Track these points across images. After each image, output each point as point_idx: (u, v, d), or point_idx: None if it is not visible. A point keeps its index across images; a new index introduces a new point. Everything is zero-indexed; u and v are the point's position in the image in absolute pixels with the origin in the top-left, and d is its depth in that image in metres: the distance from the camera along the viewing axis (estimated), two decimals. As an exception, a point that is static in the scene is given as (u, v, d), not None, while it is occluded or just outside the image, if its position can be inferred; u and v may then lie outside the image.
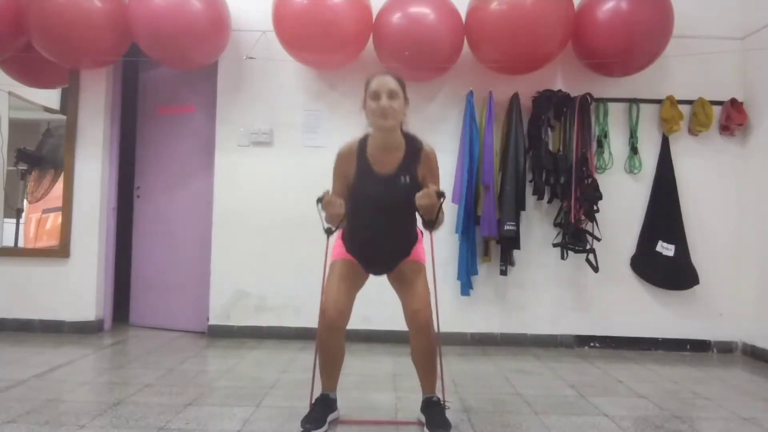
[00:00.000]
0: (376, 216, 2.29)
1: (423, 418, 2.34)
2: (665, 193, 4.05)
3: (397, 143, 2.28)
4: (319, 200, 2.19)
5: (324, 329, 2.26)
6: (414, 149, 2.29)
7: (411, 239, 2.38)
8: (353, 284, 2.34)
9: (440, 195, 2.18)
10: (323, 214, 2.23)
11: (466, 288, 3.99)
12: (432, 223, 2.25)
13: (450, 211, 4.00)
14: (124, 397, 2.65)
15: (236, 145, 4.19)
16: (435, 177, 2.32)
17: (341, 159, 2.31)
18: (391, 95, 2.19)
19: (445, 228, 4.00)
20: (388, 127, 2.21)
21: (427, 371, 2.34)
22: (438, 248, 3.98)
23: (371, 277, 2.43)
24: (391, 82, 2.21)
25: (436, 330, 2.28)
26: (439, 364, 2.33)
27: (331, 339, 2.29)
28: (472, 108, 4.00)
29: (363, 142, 2.31)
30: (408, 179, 2.25)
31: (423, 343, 2.28)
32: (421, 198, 2.17)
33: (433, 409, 2.32)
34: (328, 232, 2.28)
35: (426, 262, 2.37)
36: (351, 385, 2.90)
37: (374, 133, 2.28)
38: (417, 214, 2.28)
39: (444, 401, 2.37)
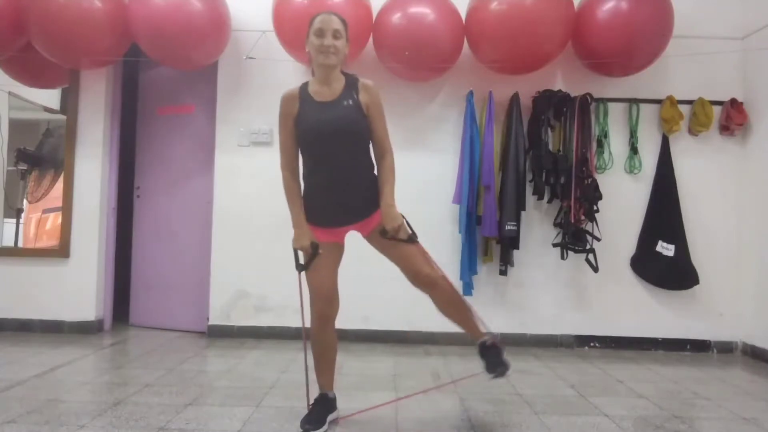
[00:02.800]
0: (327, 147, 2.26)
1: (481, 363, 2.37)
2: (665, 193, 4.05)
3: (337, 77, 2.32)
4: (294, 249, 2.31)
5: (318, 324, 2.29)
6: (352, 81, 2.33)
7: (369, 173, 2.33)
8: (332, 263, 2.34)
9: (411, 238, 2.27)
10: (299, 255, 2.31)
11: (468, 288, 3.98)
12: (412, 238, 2.29)
13: (451, 211, 4.01)
14: (124, 397, 2.65)
15: (236, 145, 4.19)
16: (379, 110, 2.31)
17: (284, 101, 2.34)
18: (335, 35, 2.25)
19: (445, 228, 4.02)
20: (330, 63, 2.25)
21: (463, 320, 2.38)
22: (438, 248, 4.00)
23: (368, 277, 2.43)
24: (336, 22, 2.27)
25: (445, 279, 2.31)
26: (469, 309, 2.36)
27: (326, 332, 2.32)
28: (472, 108, 4.00)
29: (304, 84, 2.36)
30: (351, 102, 2.27)
31: (439, 296, 2.32)
32: (387, 229, 2.23)
33: (488, 351, 2.36)
34: (301, 268, 2.31)
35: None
36: (351, 385, 2.90)
37: (316, 69, 2.31)
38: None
39: (496, 343, 2.38)
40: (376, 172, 2.36)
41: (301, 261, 2.32)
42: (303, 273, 2.32)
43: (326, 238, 2.31)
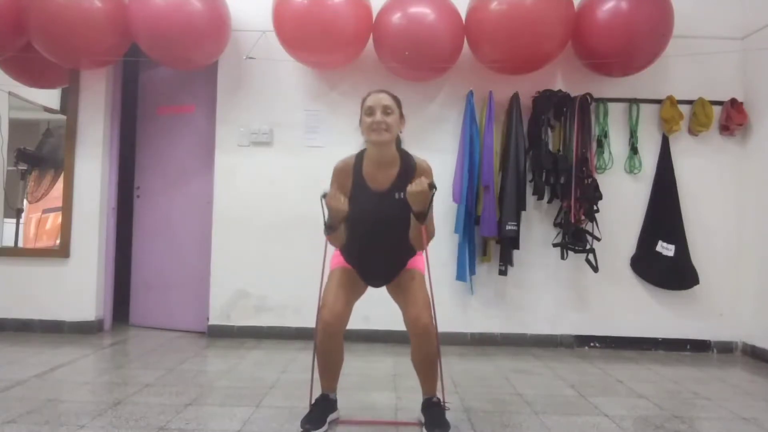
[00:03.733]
0: (371, 231, 2.32)
1: (422, 419, 2.34)
2: (665, 193, 4.05)
3: (391, 159, 2.31)
4: (323, 196, 2.21)
5: (321, 334, 2.26)
6: (408, 165, 2.31)
7: (407, 254, 2.40)
8: (351, 291, 2.35)
9: (432, 186, 2.19)
10: (326, 211, 2.24)
11: (469, 289, 3.98)
12: (423, 216, 2.23)
13: (450, 211, 4.01)
14: (124, 397, 2.65)
15: (236, 145, 4.19)
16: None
17: (338, 173, 2.34)
18: (386, 111, 2.23)
19: (445, 228, 4.02)
20: (382, 141, 2.24)
21: (428, 375, 2.34)
22: (438, 249, 4.01)
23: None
24: (385, 99, 2.26)
25: (437, 335, 2.27)
26: (439, 367, 2.33)
27: (329, 344, 2.29)
28: (472, 108, 4.00)
29: (359, 158, 2.35)
30: (402, 195, 2.24)
31: (424, 348, 2.27)
32: (412, 187, 2.17)
33: (432, 409, 2.33)
34: (329, 229, 2.27)
35: (424, 270, 2.37)
36: (351, 386, 2.90)
37: (369, 148, 2.31)
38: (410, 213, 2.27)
39: (444, 402, 2.37)
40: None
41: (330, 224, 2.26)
42: (321, 274, 2.33)
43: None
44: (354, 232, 2.35)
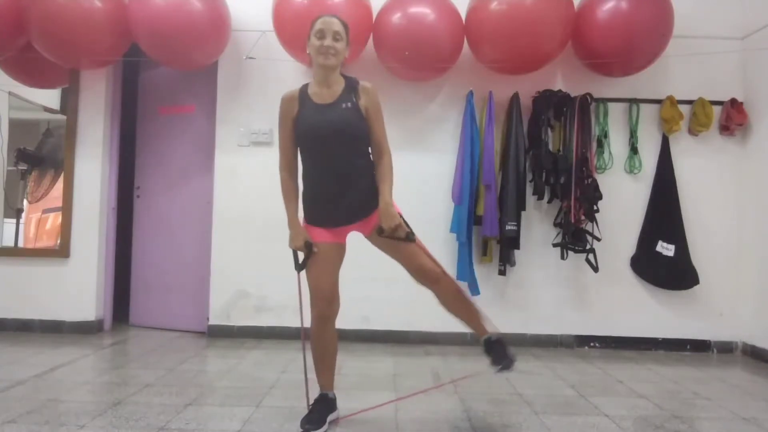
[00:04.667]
0: (325, 149, 2.29)
1: (487, 358, 2.38)
2: (665, 193, 4.05)
3: (336, 79, 2.35)
4: (294, 251, 2.33)
5: (318, 325, 2.30)
6: (352, 83, 2.36)
7: (368, 174, 2.34)
8: (333, 265, 2.34)
9: (409, 237, 2.25)
10: (296, 252, 2.33)
11: (474, 288, 3.97)
12: (410, 237, 2.27)
13: (451, 211, 4.01)
14: (124, 397, 2.65)
15: (236, 145, 4.19)
16: (378, 111, 2.33)
17: (284, 102, 2.37)
18: (336, 36, 2.28)
19: (445, 228, 4.02)
20: (330, 65, 2.28)
21: (466, 314, 2.40)
22: (438, 248, 4.01)
23: (368, 278, 2.43)
24: (336, 24, 2.30)
25: (447, 277, 2.32)
26: (473, 305, 2.38)
27: (326, 332, 2.32)
28: (472, 108, 4.00)
29: (304, 86, 2.39)
30: (350, 105, 2.29)
31: (443, 292, 2.34)
32: (384, 219, 2.22)
33: (494, 347, 2.38)
34: (299, 268, 2.33)
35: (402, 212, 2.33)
36: (351, 385, 2.90)
37: (315, 70, 2.34)
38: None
39: (501, 338, 2.40)
40: (375, 173, 2.36)
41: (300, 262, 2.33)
42: (303, 273, 2.33)
43: (327, 238, 2.32)
44: (309, 156, 2.34)
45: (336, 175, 2.29)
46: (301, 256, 2.33)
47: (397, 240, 2.26)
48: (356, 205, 2.32)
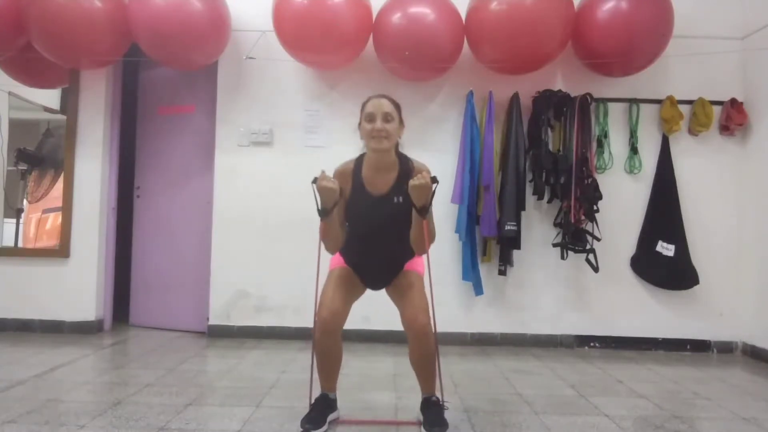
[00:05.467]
0: (370, 234, 2.34)
1: (421, 418, 2.34)
2: (665, 193, 4.05)
3: (390, 164, 2.33)
4: (314, 181, 2.22)
5: (319, 333, 2.26)
6: (407, 169, 2.33)
7: (406, 257, 2.41)
8: (350, 292, 2.36)
9: (434, 180, 2.20)
10: (318, 196, 2.24)
11: (479, 288, 3.97)
12: (425, 210, 2.23)
13: (451, 211, 4.01)
14: (124, 397, 2.65)
15: (236, 145, 4.19)
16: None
17: (338, 176, 2.35)
18: (386, 118, 2.24)
19: (445, 228, 4.02)
20: (382, 149, 2.26)
21: (426, 374, 2.35)
22: (438, 248, 4.00)
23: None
24: (386, 105, 2.26)
25: (434, 335, 2.27)
26: (437, 367, 2.33)
27: (327, 343, 2.29)
28: (472, 108, 4.00)
29: (358, 162, 2.37)
30: (401, 199, 2.27)
31: (422, 349, 2.28)
32: (414, 181, 2.18)
33: (431, 408, 2.33)
34: (323, 213, 2.25)
35: (423, 272, 2.39)
36: (351, 385, 2.90)
37: (369, 154, 2.32)
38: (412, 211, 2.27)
39: (443, 401, 2.37)
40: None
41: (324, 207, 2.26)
42: (321, 277, 2.35)
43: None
44: (354, 236, 2.37)
45: (378, 254, 2.36)
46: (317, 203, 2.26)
47: (414, 207, 2.19)
48: (390, 277, 2.41)
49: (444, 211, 4.03)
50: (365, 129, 2.26)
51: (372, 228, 2.33)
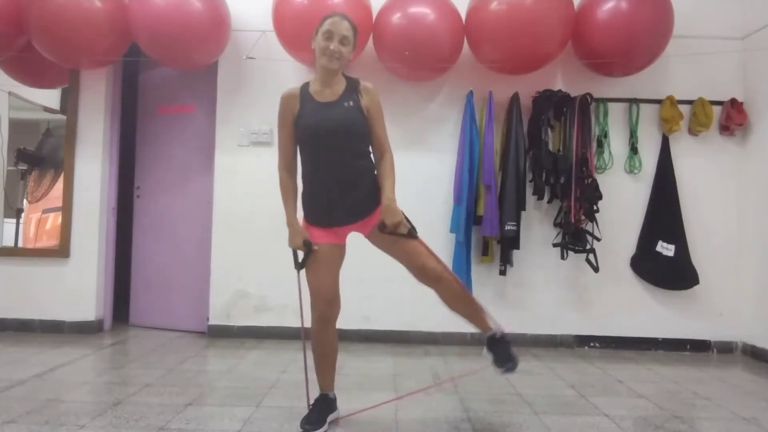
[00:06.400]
0: (327, 147, 2.27)
1: (489, 357, 2.38)
2: (665, 193, 4.05)
3: (338, 80, 2.35)
4: (293, 250, 2.32)
5: (318, 325, 2.29)
6: (353, 83, 2.36)
7: (369, 173, 2.33)
8: (333, 265, 2.33)
9: (411, 233, 2.27)
10: (296, 252, 2.32)
11: (468, 289, 3.98)
12: (413, 233, 2.28)
13: (447, 211, 4.01)
14: (124, 397, 2.65)
15: (236, 145, 4.19)
16: (379, 111, 2.34)
17: (284, 100, 2.36)
18: (343, 41, 2.27)
19: (445, 228, 4.02)
20: (332, 68, 2.28)
21: (469, 312, 2.39)
22: (438, 248, 3.98)
23: (369, 278, 2.43)
24: (345, 29, 2.28)
25: (452, 275, 2.32)
26: (477, 303, 2.37)
27: (324, 331, 2.32)
28: (472, 108, 4.00)
29: (305, 84, 2.39)
30: (351, 104, 2.29)
31: (445, 290, 2.32)
32: (387, 215, 2.23)
33: (498, 346, 2.36)
34: (299, 267, 2.32)
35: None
36: (351, 385, 2.90)
37: (318, 69, 2.34)
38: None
39: (505, 337, 2.39)
40: (376, 173, 2.36)
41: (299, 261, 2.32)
42: (303, 272, 2.32)
43: (327, 239, 2.31)
44: (309, 153, 2.32)
45: (337, 174, 2.28)
46: (300, 255, 2.32)
47: (399, 236, 2.25)
48: (357, 205, 2.30)
49: (442, 211, 4.04)
50: (320, 45, 2.27)
51: (328, 135, 2.25)
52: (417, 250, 2.29)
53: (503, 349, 2.35)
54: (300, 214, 2.39)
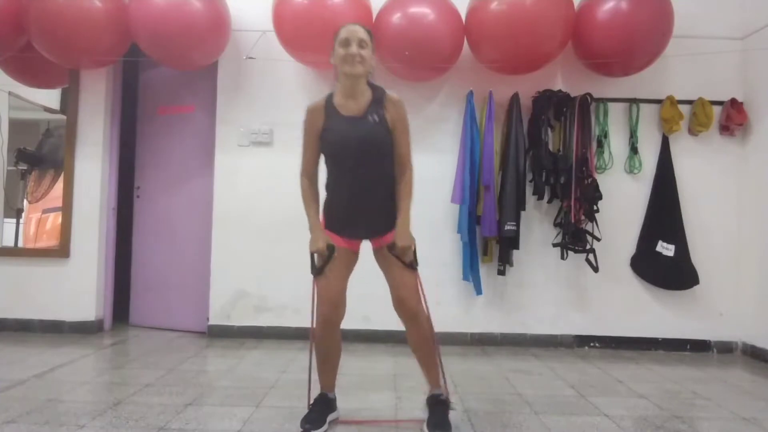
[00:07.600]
0: (351, 162, 2.26)
1: (425, 414, 2.33)
2: (665, 193, 4.05)
3: (363, 90, 2.30)
4: (311, 253, 2.30)
5: (321, 328, 2.28)
6: (378, 95, 2.32)
7: (391, 189, 2.33)
8: (343, 269, 2.33)
9: (412, 265, 2.30)
10: (314, 256, 2.29)
11: (478, 288, 3.97)
12: (412, 265, 2.30)
13: (452, 211, 4.01)
14: (124, 397, 2.65)
15: (236, 145, 4.19)
16: (404, 126, 2.32)
17: (309, 113, 2.32)
18: (361, 44, 2.24)
19: (445, 228, 4.02)
20: (357, 73, 2.24)
21: (427, 362, 2.35)
22: (438, 248, 4.01)
23: (369, 277, 2.43)
24: (361, 32, 2.26)
25: (427, 318, 2.29)
26: (438, 357, 2.33)
27: (330, 338, 2.31)
28: (472, 108, 4.00)
29: (329, 96, 2.35)
30: (377, 118, 2.26)
31: (415, 331, 2.31)
32: (400, 237, 2.24)
33: (436, 407, 2.32)
34: (316, 272, 2.30)
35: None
36: (351, 385, 2.90)
37: (341, 80, 2.29)
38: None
39: (449, 401, 2.37)
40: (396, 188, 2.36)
41: (317, 265, 2.31)
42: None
43: (341, 243, 2.32)
44: (333, 166, 2.32)
45: (360, 188, 2.28)
46: (317, 260, 2.31)
47: (402, 262, 2.27)
48: (376, 221, 2.31)
49: (445, 212, 4.04)
50: (339, 54, 2.23)
51: (352, 148, 2.24)
52: (407, 283, 2.29)
53: (440, 413, 2.29)
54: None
